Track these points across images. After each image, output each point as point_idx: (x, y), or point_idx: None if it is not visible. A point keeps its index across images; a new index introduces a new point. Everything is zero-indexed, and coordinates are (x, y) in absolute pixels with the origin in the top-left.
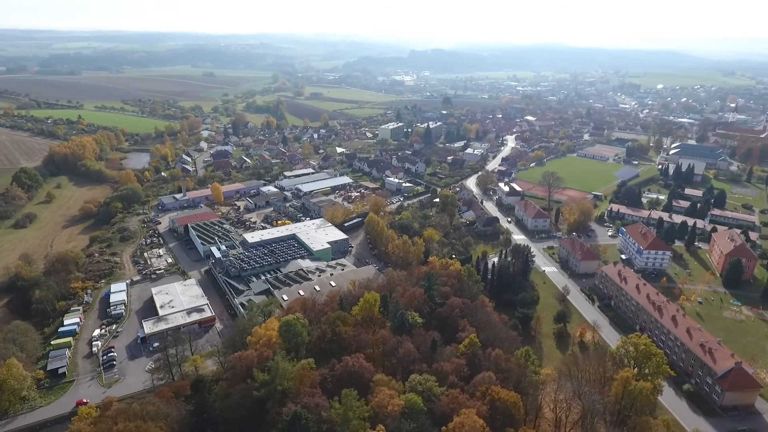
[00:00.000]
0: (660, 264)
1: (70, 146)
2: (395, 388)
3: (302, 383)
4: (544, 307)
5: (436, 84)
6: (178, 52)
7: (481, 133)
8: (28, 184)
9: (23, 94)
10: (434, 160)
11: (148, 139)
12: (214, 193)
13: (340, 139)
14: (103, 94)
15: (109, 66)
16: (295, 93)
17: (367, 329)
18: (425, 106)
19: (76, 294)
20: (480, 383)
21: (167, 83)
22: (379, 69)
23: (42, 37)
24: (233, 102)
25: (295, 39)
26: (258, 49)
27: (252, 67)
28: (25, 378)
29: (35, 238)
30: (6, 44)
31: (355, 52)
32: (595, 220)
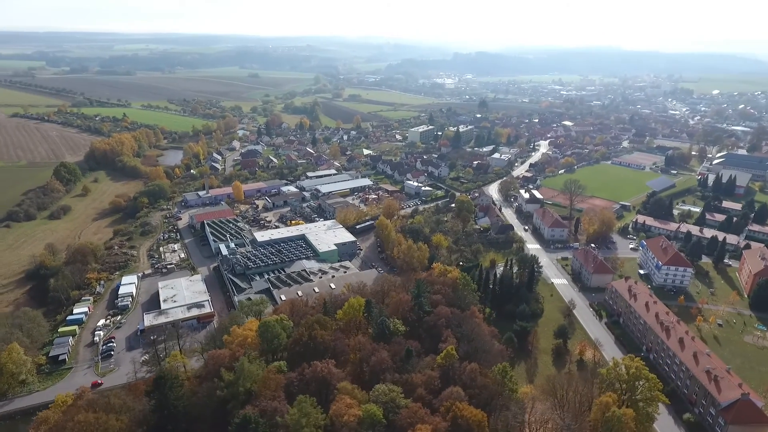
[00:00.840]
0: (681, 281)
1: (110, 143)
2: (357, 397)
3: (266, 386)
4: (547, 321)
5: (477, 87)
6: (228, 54)
7: (512, 137)
8: (66, 177)
9: (79, 93)
10: (459, 164)
11: (186, 137)
12: (235, 192)
13: (370, 141)
14: (152, 94)
15: (163, 67)
16: (334, 94)
17: (347, 334)
18: (461, 110)
19: (90, 284)
20: (447, 398)
21: (213, 84)
22: (422, 71)
23: (105, 39)
24: (272, 103)
25: (340, 41)
26: (304, 51)
27: (297, 69)
28: (25, 362)
29: (66, 229)
30: (72, 46)
31: (398, 55)
32: (617, 232)
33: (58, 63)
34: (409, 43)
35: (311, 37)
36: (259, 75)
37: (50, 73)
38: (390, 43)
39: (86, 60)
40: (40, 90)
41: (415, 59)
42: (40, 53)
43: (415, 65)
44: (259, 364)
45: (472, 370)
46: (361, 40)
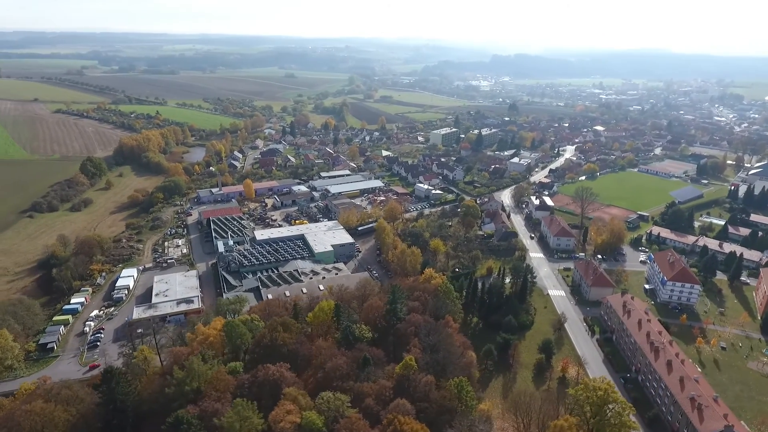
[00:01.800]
0: (687, 299)
1: (137, 139)
2: (301, 404)
3: (214, 387)
4: (536, 335)
5: (513, 90)
6: (269, 54)
7: (537, 141)
8: (92, 171)
9: (120, 91)
10: (476, 167)
11: (213, 135)
12: (246, 190)
13: (392, 142)
14: (188, 92)
15: (205, 66)
16: (366, 95)
17: (316, 338)
18: (490, 113)
19: (92, 276)
20: (393, 410)
21: (249, 83)
22: (458, 73)
23: (155, 39)
24: (303, 103)
25: (379, 42)
26: (342, 52)
27: (334, 70)
28: (12, 349)
29: (84, 221)
30: (124, 46)
31: (436, 56)
32: (629, 243)
33: (109, 62)
34: (447, 45)
35: (350, 39)
36: (295, 75)
37: (100, 71)
38: (429, 44)
39: (135, 59)
40: (86, 87)
41: (452, 61)
42: (95, 53)
43: (452, 67)
44: (211, 365)
45: (427, 383)
46: (399, 42)
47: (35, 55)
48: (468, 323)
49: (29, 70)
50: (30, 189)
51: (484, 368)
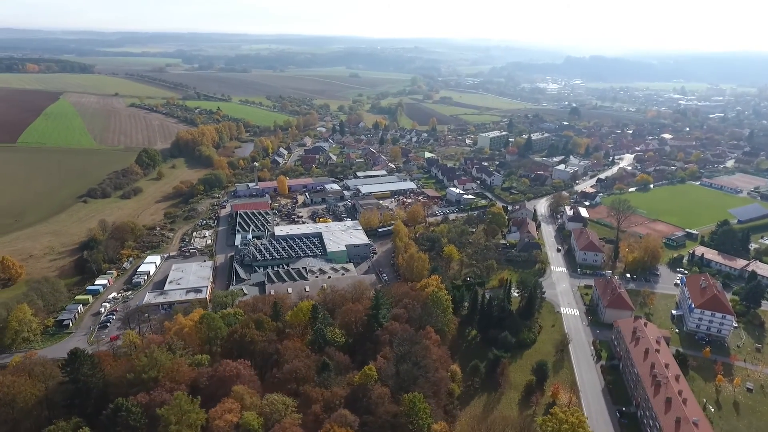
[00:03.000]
0: (718, 329)
1: (193, 133)
2: (245, 403)
3: (170, 377)
4: (535, 354)
5: (582, 93)
6: (338, 54)
7: (591, 148)
8: (146, 162)
9: (192, 87)
10: (519, 173)
11: (266, 131)
12: (279, 186)
13: (438, 144)
14: (253, 90)
15: (276, 65)
16: (425, 96)
17: (289, 337)
18: (549, 116)
19: (120, 260)
20: (334, 420)
21: (313, 82)
22: (526, 75)
23: (235, 39)
24: (362, 102)
25: (448, 43)
26: (410, 52)
27: (400, 70)
28: (30, 323)
29: (130, 208)
30: (207, 45)
31: (506, 58)
32: (667, 263)
33: (191, 61)
34: (519, 46)
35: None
36: (359, 75)
37: (182, 69)
38: (500, 45)
39: (215, 58)
40: (162, 83)
41: (521, 62)
42: (180, 52)
43: (521, 68)
44: (180, 354)
45: (380, 395)
46: (469, 42)
47: (128, 54)
48: (465, 336)
49: (119, 67)
50: (90, 176)
51: (470, 385)
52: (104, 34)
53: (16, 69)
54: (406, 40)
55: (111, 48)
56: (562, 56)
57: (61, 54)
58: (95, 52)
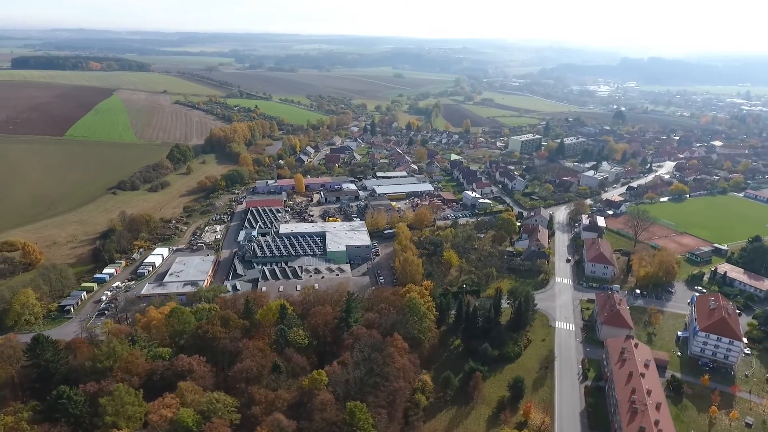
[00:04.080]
0: (725, 355)
1: (225, 130)
2: (186, 399)
3: (124, 368)
4: (518, 369)
5: (635, 96)
6: (385, 55)
7: (629, 154)
8: (177, 157)
9: (236, 86)
10: (545, 178)
11: (299, 129)
12: (296, 184)
13: (469, 146)
14: (295, 89)
15: (323, 65)
16: (466, 97)
17: (249, 336)
18: (592, 120)
19: (131, 250)
20: (268, 423)
21: (355, 82)
22: (577, 77)
23: (287, 39)
24: (399, 102)
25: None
26: (458, 53)
27: (446, 71)
28: (33, 306)
29: (155, 201)
30: (260, 45)
31: (558, 59)
32: (686, 280)
33: (244, 60)
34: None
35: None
36: (403, 75)
37: (233, 68)
38: (553, 46)
39: (265, 58)
40: (209, 82)
41: (573, 64)
42: (234, 51)
43: (573, 70)
44: (133, 347)
45: (322, 401)
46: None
47: (186, 53)
48: (448, 345)
49: (174, 66)
50: (124, 169)
51: (441, 397)
52: (166, 35)
53: (81, 67)
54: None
55: (171, 48)
56: (618, 58)
57: (124, 53)
58: (156, 52)
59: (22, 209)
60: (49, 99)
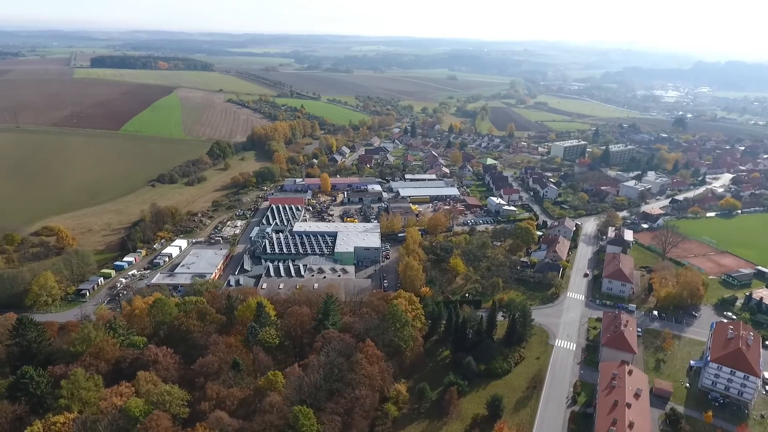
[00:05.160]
0: (739, 391)
1: (266, 128)
2: (140, 389)
3: (94, 353)
4: (504, 386)
5: (705, 103)
6: (442, 56)
7: (681, 164)
8: (216, 153)
9: (288, 86)
10: (580, 187)
11: (340, 129)
12: (322, 183)
13: (509, 150)
14: (345, 89)
15: (379, 66)
16: (519, 101)
17: (227, 331)
18: (649, 127)
19: (154, 240)
20: (210, 420)
21: (407, 83)
22: (644, 81)
23: (347, 41)
24: (447, 105)
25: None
26: (518, 55)
27: (504, 73)
28: (51, 289)
29: (189, 195)
30: (321, 46)
31: (625, 62)
32: (715, 304)
33: (303, 61)
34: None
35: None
36: (457, 77)
37: (292, 69)
38: (621, 48)
39: (324, 59)
40: (263, 81)
41: (641, 67)
42: (295, 53)
43: (639, 74)
44: (108, 334)
45: (270, 403)
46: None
47: (250, 54)
48: (436, 356)
49: (236, 66)
50: (168, 163)
51: (416, 408)
52: (233, 36)
53: (150, 66)
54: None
55: (237, 48)
56: (692, 61)
57: (193, 53)
58: (223, 52)
59: (68, 197)
60: (114, 96)
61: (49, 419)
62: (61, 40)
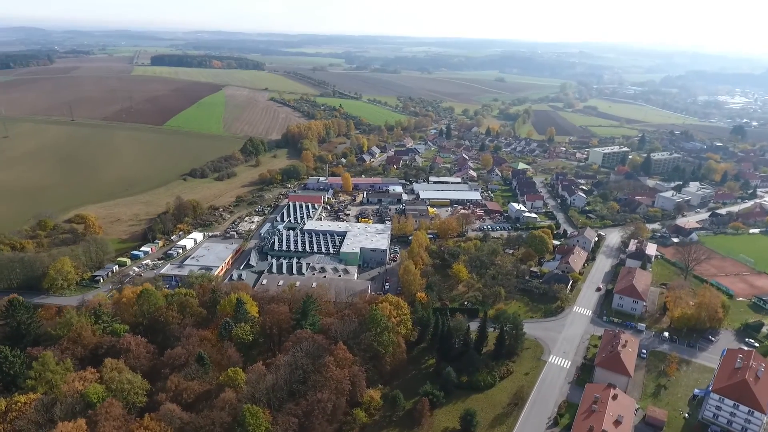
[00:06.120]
0: (742, 427)
1: (300, 127)
2: (105, 375)
3: (71, 338)
4: (485, 400)
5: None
6: (492, 58)
7: (730, 176)
8: (249, 150)
9: (331, 86)
10: (612, 196)
11: (375, 129)
12: (344, 182)
13: (545, 155)
14: (387, 89)
15: (428, 68)
16: (566, 104)
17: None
18: (703, 135)
19: (173, 232)
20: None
21: (451, 85)
22: (708, 86)
23: (399, 42)
24: (489, 107)
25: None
26: (573, 57)
27: (556, 76)
28: (67, 274)
29: (217, 189)
30: (372, 47)
31: (690, 66)
32: (736, 329)
33: (353, 61)
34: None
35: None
36: (505, 79)
37: (341, 69)
38: (687, 52)
39: (374, 59)
40: (308, 81)
41: (706, 71)
42: (346, 53)
43: (704, 78)
44: (86, 320)
45: (223, 400)
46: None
47: (303, 54)
48: (420, 364)
49: (287, 66)
50: (202, 158)
51: (389, 416)
52: (289, 36)
53: (204, 65)
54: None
55: (291, 48)
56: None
57: (249, 53)
58: (277, 52)
59: (106, 187)
60: (166, 92)
61: (13, 398)
62: (129, 39)
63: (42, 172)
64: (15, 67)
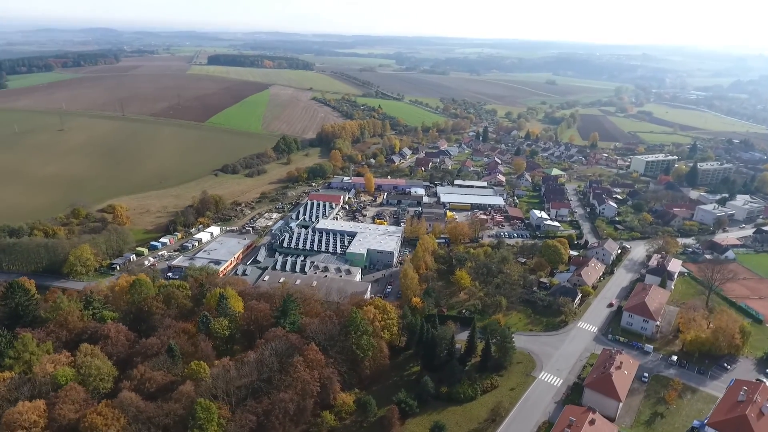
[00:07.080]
0: None
1: (335, 127)
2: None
3: (58, 322)
4: (462, 414)
5: None
6: (547, 60)
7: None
8: (282, 148)
9: (375, 86)
10: (647, 206)
11: (411, 131)
12: (366, 183)
13: (584, 162)
14: (432, 91)
15: (478, 69)
16: (619, 109)
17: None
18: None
19: (193, 225)
20: (118, 399)
21: (499, 87)
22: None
23: (451, 43)
24: (535, 110)
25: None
26: (634, 60)
27: (614, 79)
28: (86, 260)
29: (245, 185)
30: (424, 48)
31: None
32: (759, 358)
33: (404, 62)
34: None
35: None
36: (556, 82)
37: (390, 70)
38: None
39: (424, 60)
40: (353, 81)
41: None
42: (398, 54)
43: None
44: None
45: (181, 392)
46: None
47: (355, 54)
48: (404, 370)
49: (337, 66)
50: (236, 155)
51: (360, 422)
52: (343, 37)
53: (256, 64)
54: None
55: (344, 49)
56: None
57: (302, 53)
58: (329, 52)
59: (141, 180)
60: (214, 90)
61: None
62: (193, 39)
63: (87, 164)
64: (84, 65)
